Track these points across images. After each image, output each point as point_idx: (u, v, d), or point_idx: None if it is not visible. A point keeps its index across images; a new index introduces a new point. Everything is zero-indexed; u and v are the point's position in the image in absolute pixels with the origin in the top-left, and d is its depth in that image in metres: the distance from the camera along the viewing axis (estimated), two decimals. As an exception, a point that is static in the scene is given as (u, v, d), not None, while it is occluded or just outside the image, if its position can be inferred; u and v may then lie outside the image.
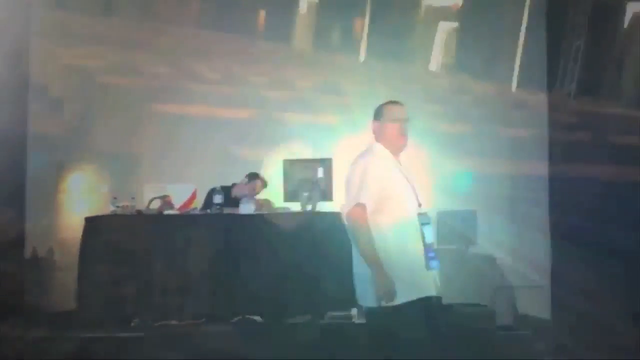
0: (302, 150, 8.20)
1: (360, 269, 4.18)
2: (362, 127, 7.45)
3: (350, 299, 6.45)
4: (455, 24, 9.26)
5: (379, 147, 4.27)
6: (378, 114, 4.34)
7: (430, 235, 4.20)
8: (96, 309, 6.41)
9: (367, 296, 4.16)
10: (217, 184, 7.14)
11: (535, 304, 7.31)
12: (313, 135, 8.35)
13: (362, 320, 6.33)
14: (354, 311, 6.58)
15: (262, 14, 9.03)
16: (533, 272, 7.65)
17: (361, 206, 4.09)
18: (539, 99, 8.78)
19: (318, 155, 7.57)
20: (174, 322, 6.43)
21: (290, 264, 6.57)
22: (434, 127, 8.42)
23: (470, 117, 8.90)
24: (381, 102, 4.31)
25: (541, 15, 8.80)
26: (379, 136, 4.30)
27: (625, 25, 8.56)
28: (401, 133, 4.27)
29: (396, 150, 4.29)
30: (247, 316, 6.57)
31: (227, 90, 8.73)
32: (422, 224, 4.18)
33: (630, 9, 8.69)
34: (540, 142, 8.44)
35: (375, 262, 4.04)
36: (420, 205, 4.24)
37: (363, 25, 9.09)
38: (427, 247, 4.17)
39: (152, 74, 8.70)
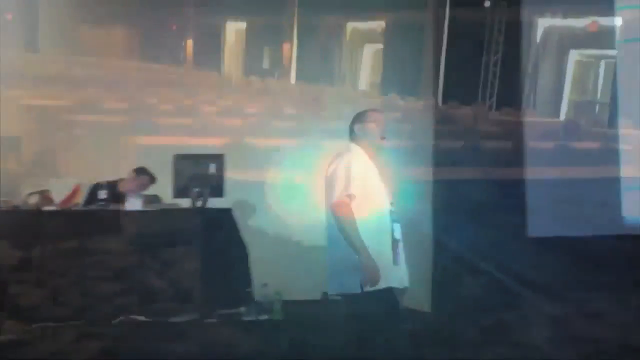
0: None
1: (336, 257, 4.42)
2: (308, 148, 7.62)
3: (240, 296, 6.37)
4: (380, 45, 9.60)
5: (357, 148, 4.54)
6: (358, 118, 4.60)
7: (399, 232, 4.50)
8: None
9: (345, 282, 4.39)
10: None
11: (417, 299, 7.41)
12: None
13: (252, 318, 6.31)
14: (243, 309, 6.49)
15: (190, 43, 9.18)
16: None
17: (349, 196, 4.34)
18: (464, 112, 9.16)
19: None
20: (50, 324, 5.97)
21: (179, 261, 6.39)
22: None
23: (401, 132, 9.22)
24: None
25: (460, 34, 9.19)
26: (358, 139, 4.56)
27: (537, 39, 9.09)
28: (380, 135, 4.56)
29: (374, 151, 4.56)
30: (130, 316, 6.23)
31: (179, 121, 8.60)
32: (393, 221, 4.48)
33: (542, 24, 9.21)
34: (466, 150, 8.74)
35: (362, 249, 4.30)
36: (392, 203, 4.54)
37: (291, 49, 9.36)
38: (394, 243, 4.46)
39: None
